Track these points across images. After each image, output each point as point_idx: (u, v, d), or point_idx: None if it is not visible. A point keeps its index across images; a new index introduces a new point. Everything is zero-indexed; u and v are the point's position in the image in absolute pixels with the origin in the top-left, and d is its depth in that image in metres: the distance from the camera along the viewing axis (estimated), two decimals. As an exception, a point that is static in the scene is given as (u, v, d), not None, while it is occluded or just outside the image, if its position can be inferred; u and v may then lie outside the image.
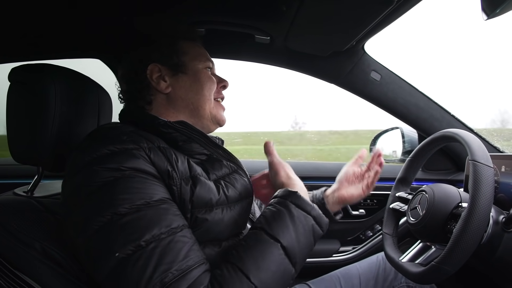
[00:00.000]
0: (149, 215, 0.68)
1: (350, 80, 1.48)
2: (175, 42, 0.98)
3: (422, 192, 1.03)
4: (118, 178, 0.70)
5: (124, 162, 0.72)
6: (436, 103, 1.52)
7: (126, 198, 0.68)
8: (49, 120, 0.88)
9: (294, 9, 1.05)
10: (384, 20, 1.08)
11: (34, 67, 0.91)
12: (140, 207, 0.68)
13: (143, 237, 0.65)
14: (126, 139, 0.77)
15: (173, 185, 0.77)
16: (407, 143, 1.70)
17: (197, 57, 0.99)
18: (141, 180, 0.72)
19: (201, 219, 0.79)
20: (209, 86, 0.98)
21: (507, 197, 1.06)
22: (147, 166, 0.75)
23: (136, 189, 0.70)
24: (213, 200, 0.82)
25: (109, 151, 0.74)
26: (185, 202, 0.78)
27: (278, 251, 0.71)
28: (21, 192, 0.95)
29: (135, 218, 0.67)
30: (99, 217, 0.67)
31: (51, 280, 0.78)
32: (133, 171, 0.72)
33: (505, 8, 0.69)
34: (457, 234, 0.82)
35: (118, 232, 0.66)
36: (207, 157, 0.92)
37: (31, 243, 0.79)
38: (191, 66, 0.97)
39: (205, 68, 0.99)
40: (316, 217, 0.78)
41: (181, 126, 0.89)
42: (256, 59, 1.52)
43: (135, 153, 0.75)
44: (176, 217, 0.72)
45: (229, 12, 1.20)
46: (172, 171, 0.78)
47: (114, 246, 0.65)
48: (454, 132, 1.00)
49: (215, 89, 0.99)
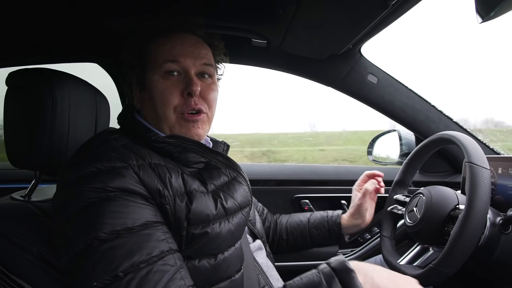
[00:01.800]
0: (130, 243, 0.66)
1: (347, 83, 1.48)
2: (144, 46, 0.90)
3: (420, 194, 1.04)
4: (103, 199, 0.68)
5: (110, 182, 0.70)
6: (432, 105, 1.52)
7: (108, 222, 0.66)
8: (46, 125, 0.88)
9: (291, 13, 1.06)
10: (381, 23, 1.09)
11: (32, 71, 0.91)
12: (120, 233, 0.66)
13: (120, 267, 0.63)
14: (114, 156, 0.75)
15: (166, 204, 0.75)
16: (404, 145, 1.70)
17: (155, 64, 0.88)
18: (125, 203, 0.70)
19: (197, 235, 0.77)
20: (166, 102, 0.86)
21: (504, 199, 1.07)
22: (135, 186, 0.72)
23: (118, 213, 0.68)
24: (210, 216, 0.80)
25: (96, 169, 0.72)
26: (181, 220, 0.76)
27: None
28: (18, 197, 0.95)
29: (114, 246, 0.65)
30: (81, 239, 0.66)
31: (47, 284, 0.78)
32: (119, 191, 0.70)
33: (500, 11, 0.70)
34: (455, 236, 0.82)
35: (97, 259, 0.64)
36: (204, 164, 0.90)
37: (27, 248, 0.78)
38: (148, 79, 0.88)
39: (163, 76, 0.87)
40: None
41: (173, 140, 0.84)
42: (253, 63, 1.52)
43: (122, 172, 0.72)
44: (159, 243, 0.69)
45: (226, 16, 1.21)
46: (163, 189, 0.75)
47: (92, 274, 0.63)
48: (451, 135, 1.00)
49: (176, 102, 0.87)
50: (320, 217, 1.31)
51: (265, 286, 0.98)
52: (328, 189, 1.66)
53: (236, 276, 0.86)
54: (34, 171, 0.97)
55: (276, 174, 1.68)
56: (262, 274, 1.01)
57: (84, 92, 1.00)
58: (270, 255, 1.15)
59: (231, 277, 0.85)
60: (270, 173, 1.69)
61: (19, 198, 0.94)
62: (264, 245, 1.14)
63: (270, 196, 1.62)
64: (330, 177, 1.70)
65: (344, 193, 1.65)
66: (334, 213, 1.29)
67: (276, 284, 1.02)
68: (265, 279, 1.00)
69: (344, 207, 1.63)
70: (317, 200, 1.64)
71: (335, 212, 1.29)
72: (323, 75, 1.50)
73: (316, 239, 1.29)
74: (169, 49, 0.88)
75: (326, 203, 1.65)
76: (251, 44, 1.36)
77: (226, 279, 0.83)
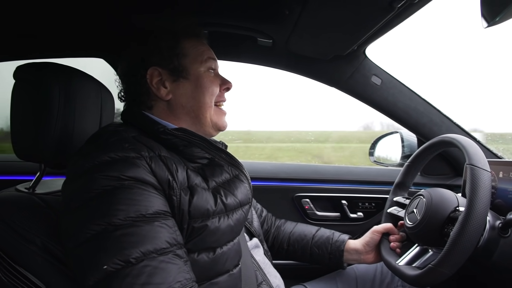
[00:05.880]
0: (143, 231, 0.67)
1: (351, 84, 1.49)
2: (175, 42, 0.93)
3: (420, 196, 1.04)
4: (117, 187, 0.70)
5: (125, 171, 0.72)
6: (435, 108, 1.53)
7: (122, 209, 0.68)
8: (52, 118, 0.89)
9: (297, 13, 1.06)
10: (386, 25, 1.09)
11: (39, 66, 0.92)
12: (135, 220, 0.68)
13: (133, 254, 0.64)
14: (128, 147, 0.77)
15: (173, 195, 0.77)
16: (406, 147, 1.71)
17: (199, 59, 0.94)
18: (139, 192, 0.71)
19: (197, 229, 0.79)
20: (211, 92, 0.94)
21: (504, 202, 1.07)
22: (148, 176, 0.74)
23: (133, 201, 0.70)
24: (209, 210, 0.81)
25: (110, 158, 0.73)
26: (184, 213, 0.77)
27: None
28: (23, 189, 0.96)
29: (128, 233, 0.66)
30: (93, 225, 0.67)
31: (51, 275, 0.79)
32: (133, 180, 0.72)
33: (505, 16, 0.70)
34: (455, 236, 0.83)
35: (110, 244, 0.65)
36: (208, 161, 0.92)
37: (32, 239, 0.80)
38: (192, 70, 0.93)
39: (207, 70, 0.95)
40: None
41: (180, 133, 0.87)
42: (258, 62, 1.53)
43: (136, 162, 0.74)
44: (170, 235, 0.71)
45: (232, 15, 1.22)
46: (172, 181, 0.77)
47: (103, 258, 0.64)
48: (452, 137, 1.01)
49: (217, 93, 0.96)
50: (325, 238, 1.25)
51: (262, 282, 0.99)
52: (329, 188, 1.66)
53: (234, 270, 0.88)
54: (39, 163, 0.98)
55: (278, 172, 1.69)
56: (260, 270, 1.02)
57: (90, 87, 1.01)
58: (268, 253, 1.16)
59: (229, 271, 0.86)
60: (271, 172, 1.69)
61: (24, 190, 0.95)
62: (262, 244, 1.14)
63: (271, 194, 1.62)
64: (332, 177, 1.70)
65: (345, 193, 1.65)
66: (340, 238, 1.23)
67: (274, 281, 1.04)
68: (263, 276, 1.01)
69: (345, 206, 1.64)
70: (318, 199, 1.65)
71: (341, 237, 1.24)
72: (327, 75, 1.50)
73: (315, 258, 1.24)
74: (205, 50, 0.97)
75: (327, 203, 1.65)
76: (256, 43, 1.37)
77: (225, 273, 0.85)
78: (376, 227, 1.19)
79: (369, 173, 1.75)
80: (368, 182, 1.69)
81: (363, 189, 1.67)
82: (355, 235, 1.62)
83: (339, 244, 1.21)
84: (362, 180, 1.70)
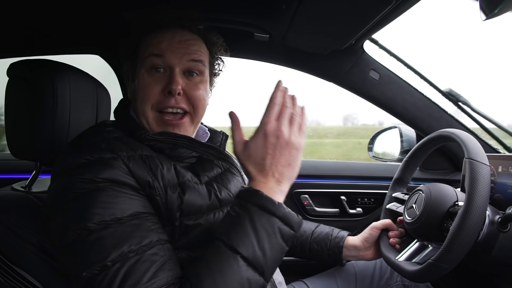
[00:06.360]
0: (118, 233, 0.66)
1: (349, 79, 1.48)
2: (134, 39, 0.90)
3: (419, 191, 1.04)
4: (93, 190, 0.68)
5: (99, 173, 0.70)
6: (434, 102, 1.52)
7: (97, 213, 0.66)
8: (48, 116, 0.88)
9: (294, 8, 1.06)
10: (384, 19, 1.08)
11: (34, 63, 0.91)
12: (109, 223, 0.66)
13: (109, 257, 0.63)
14: (104, 148, 0.75)
15: (156, 195, 0.75)
16: (405, 142, 1.70)
17: (143, 56, 0.87)
18: (115, 194, 0.70)
19: (191, 226, 0.78)
20: (143, 97, 0.85)
21: (503, 197, 1.07)
22: (124, 177, 0.72)
23: (108, 204, 0.68)
24: (203, 206, 0.80)
25: (86, 161, 0.72)
26: (173, 211, 0.76)
27: (238, 263, 0.64)
28: (19, 187, 0.96)
29: (103, 236, 0.65)
30: (71, 230, 0.66)
31: (47, 274, 0.79)
32: (108, 182, 0.70)
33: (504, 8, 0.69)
34: (454, 231, 0.82)
35: (86, 250, 0.64)
36: (196, 159, 0.90)
37: (28, 238, 0.79)
38: (136, 72, 0.88)
39: (149, 71, 0.86)
40: (282, 217, 0.69)
41: (162, 137, 0.84)
42: (255, 57, 1.52)
43: (111, 163, 0.72)
44: (149, 233, 0.69)
45: (229, 10, 1.20)
46: (153, 181, 0.75)
47: (81, 265, 0.63)
48: (450, 132, 1.00)
49: (155, 98, 0.85)
50: (324, 234, 1.24)
51: None
52: (328, 184, 1.66)
53: None
54: (34, 162, 0.97)
55: None
56: None
57: (85, 84, 1.00)
58: None
59: None
60: None
61: (20, 189, 0.95)
62: None
63: None
64: (330, 173, 1.69)
65: (344, 189, 1.65)
66: (339, 234, 1.22)
67: (276, 277, 1.03)
68: None
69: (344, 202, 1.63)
70: (317, 195, 1.64)
71: (340, 233, 1.23)
72: (325, 70, 1.50)
73: (314, 254, 1.23)
74: (156, 44, 0.86)
75: (326, 198, 1.65)
76: (253, 38, 1.36)
77: None
78: (375, 223, 1.18)
79: (368, 169, 1.75)
80: (367, 178, 1.69)
81: (362, 184, 1.67)
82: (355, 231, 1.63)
83: (338, 240, 1.20)
84: (361, 176, 1.70)
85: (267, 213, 0.68)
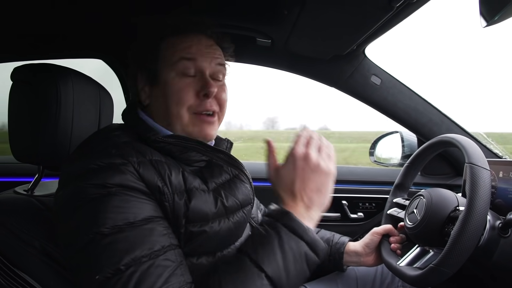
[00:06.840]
0: (131, 237, 0.66)
1: (350, 84, 1.48)
2: (154, 44, 0.88)
3: (420, 196, 1.04)
4: (104, 195, 0.68)
5: (110, 179, 0.70)
6: (435, 107, 1.52)
7: (109, 217, 0.66)
8: (51, 120, 0.88)
9: (296, 13, 1.06)
10: (385, 25, 1.09)
11: (37, 67, 0.92)
12: (122, 227, 0.66)
13: (122, 261, 0.63)
14: (114, 153, 0.74)
15: (165, 201, 0.74)
16: (406, 147, 1.70)
17: (170, 61, 0.86)
18: (126, 198, 0.69)
19: (196, 233, 0.77)
20: (178, 101, 0.85)
21: (504, 202, 1.07)
22: (135, 182, 0.72)
23: (120, 208, 0.68)
24: (209, 214, 0.79)
25: (96, 166, 0.71)
26: (179, 217, 0.75)
27: (262, 281, 0.65)
28: (21, 191, 0.96)
29: (116, 240, 0.65)
30: (83, 235, 0.66)
31: (49, 278, 0.79)
32: (119, 187, 0.70)
33: (504, 15, 0.70)
34: (455, 235, 0.82)
35: (99, 254, 0.64)
36: (206, 163, 0.90)
37: (30, 241, 0.79)
38: (163, 76, 0.86)
39: (179, 75, 0.86)
40: (310, 243, 0.70)
41: (173, 140, 0.84)
42: (257, 62, 1.53)
43: (122, 168, 0.72)
44: (161, 237, 0.69)
45: (231, 15, 1.21)
46: (163, 186, 0.75)
47: (94, 269, 0.63)
48: (451, 137, 1.01)
49: (191, 102, 0.86)
50: (325, 240, 1.23)
51: None
52: None
53: None
54: (37, 165, 0.98)
55: None
56: None
57: (88, 88, 1.01)
58: None
59: None
60: None
61: (22, 192, 0.95)
62: None
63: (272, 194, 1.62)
64: None
65: (345, 193, 1.65)
66: (340, 240, 1.22)
67: None
68: None
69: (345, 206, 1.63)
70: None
71: (341, 239, 1.22)
72: (326, 75, 1.50)
73: None
74: (186, 48, 0.87)
75: (327, 203, 1.65)
76: (255, 43, 1.37)
77: None
78: (376, 228, 1.18)
79: (370, 173, 1.75)
80: (369, 182, 1.69)
81: (364, 189, 1.67)
82: (356, 236, 1.62)
83: (339, 246, 1.20)
84: (362, 180, 1.70)
85: (296, 236, 0.69)
